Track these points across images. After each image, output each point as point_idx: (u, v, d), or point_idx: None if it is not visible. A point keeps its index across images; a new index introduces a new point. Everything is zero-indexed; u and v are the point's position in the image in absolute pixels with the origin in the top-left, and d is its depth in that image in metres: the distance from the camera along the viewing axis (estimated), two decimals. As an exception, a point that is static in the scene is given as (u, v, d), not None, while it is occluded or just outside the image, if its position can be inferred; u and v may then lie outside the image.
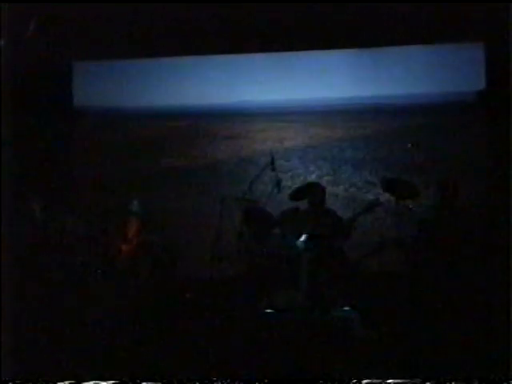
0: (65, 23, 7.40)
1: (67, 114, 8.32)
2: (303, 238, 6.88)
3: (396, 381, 4.84)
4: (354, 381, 4.86)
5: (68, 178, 8.34)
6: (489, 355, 5.32)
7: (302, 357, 5.67)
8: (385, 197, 7.34)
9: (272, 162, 7.50)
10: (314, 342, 5.96)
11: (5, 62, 6.04)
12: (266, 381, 4.94)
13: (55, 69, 7.95)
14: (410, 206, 7.20)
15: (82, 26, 7.50)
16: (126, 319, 5.82)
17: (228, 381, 4.93)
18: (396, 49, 8.26)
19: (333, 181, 8.61)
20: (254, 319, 6.51)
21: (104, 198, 7.24)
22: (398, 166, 8.48)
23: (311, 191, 7.16)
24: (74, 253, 6.53)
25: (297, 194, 7.24)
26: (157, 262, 7.15)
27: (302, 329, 6.28)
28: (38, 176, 7.68)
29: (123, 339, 5.64)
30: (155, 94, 8.70)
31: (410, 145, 7.67)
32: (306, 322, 6.45)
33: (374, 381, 4.83)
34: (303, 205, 7.29)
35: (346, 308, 6.69)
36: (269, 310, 6.69)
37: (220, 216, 7.63)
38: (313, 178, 8.67)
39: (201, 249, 7.87)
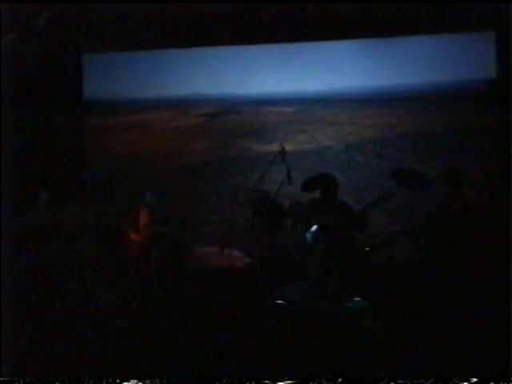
0: (74, 16, 7.40)
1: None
2: (314, 228, 6.88)
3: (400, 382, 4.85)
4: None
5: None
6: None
7: (313, 348, 5.65)
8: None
9: (282, 153, 7.48)
10: (325, 333, 5.94)
11: (14, 55, 6.05)
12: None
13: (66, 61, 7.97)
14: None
15: (93, 19, 7.51)
16: (135, 311, 5.83)
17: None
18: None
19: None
20: (266, 310, 6.52)
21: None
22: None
23: (323, 182, 7.14)
24: (83, 244, 6.56)
25: (308, 185, 7.22)
26: (168, 252, 7.20)
27: (313, 320, 6.29)
28: (48, 166, 7.70)
29: (133, 330, 5.64)
30: (264, 80, 8.69)
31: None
32: (317, 312, 6.46)
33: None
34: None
35: (357, 299, 6.70)
36: (280, 301, 6.71)
37: (231, 207, 7.66)
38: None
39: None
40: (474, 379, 4.78)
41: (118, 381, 4.75)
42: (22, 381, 4.61)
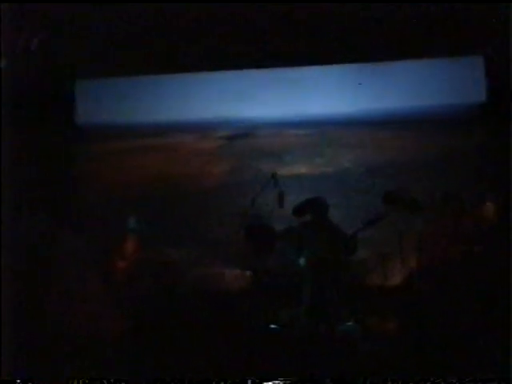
0: (67, 40, 7.47)
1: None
2: (305, 253, 6.89)
3: None
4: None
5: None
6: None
7: (305, 370, 5.62)
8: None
9: (274, 177, 7.50)
10: (318, 356, 5.93)
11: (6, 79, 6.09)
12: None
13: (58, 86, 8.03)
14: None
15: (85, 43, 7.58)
16: (126, 331, 5.80)
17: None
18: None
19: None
20: (259, 334, 6.50)
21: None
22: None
23: (314, 206, 7.14)
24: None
25: (299, 210, 7.22)
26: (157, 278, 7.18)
27: (305, 343, 6.27)
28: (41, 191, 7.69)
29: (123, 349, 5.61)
30: (286, 103, 8.68)
31: None
32: (310, 336, 6.44)
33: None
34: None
35: (350, 323, 6.69)
36: (273, 326, 6.69)
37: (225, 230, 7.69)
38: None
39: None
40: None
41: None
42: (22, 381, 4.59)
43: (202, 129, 8.95)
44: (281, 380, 5.03)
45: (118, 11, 7.19)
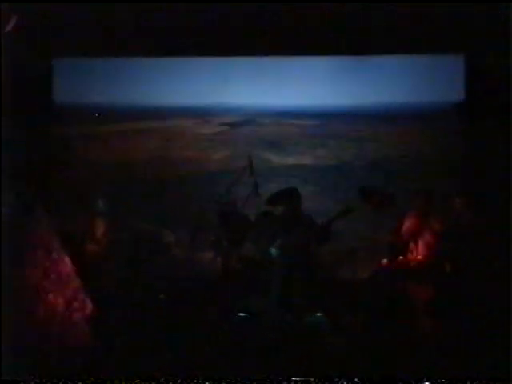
0: (45, 20, 7.41)
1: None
2: (277, 243, 6.93)
3: None
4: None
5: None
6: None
7: (273, 360, 5.67)
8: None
9: (250, 166, 7.52)
10: (286, 347, 5.97)
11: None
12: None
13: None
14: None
15: (63, 23, 7.53)
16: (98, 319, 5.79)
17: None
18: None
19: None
20: (228, 322, 6.54)
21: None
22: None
23: (287, 196, 7.18)
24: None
25: (273, 199, 7.26)
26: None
27: (274, 333, 6.32)
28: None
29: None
30: (287, 92, 8.60)
31: None
32: (278, 326, 6.49)
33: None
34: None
35: (318, 314, 6.74)
36: (242, 314, 6.73)
37: (196, 218, 7.70)
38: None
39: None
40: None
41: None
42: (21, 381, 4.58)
43: (203, 114, 8.90)
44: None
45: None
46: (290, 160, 8.79)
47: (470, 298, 6.33)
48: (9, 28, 6.17)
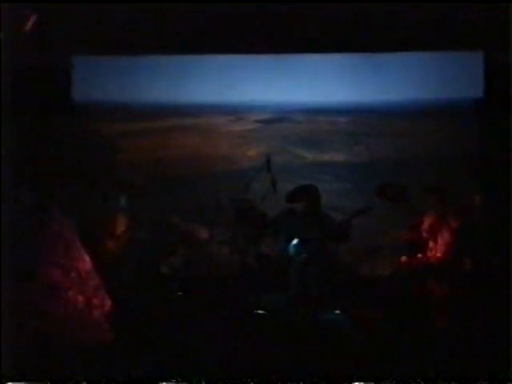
0: (64, 18, 7.45)
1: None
2: (295, 241, 6.92)
3: None
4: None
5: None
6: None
7: (291, 358, 5.67)
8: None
9: (268, 163, 7.50)
10: (304, 344, 5.97)
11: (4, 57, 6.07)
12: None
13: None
14: None
15: (82, 20, 7.56)
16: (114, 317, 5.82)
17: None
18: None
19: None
20: (245, 319, 6.54)
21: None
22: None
23: (306, 193, 7.16)
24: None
25: (292, 196, 7.25)
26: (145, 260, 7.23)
27: (292, 330, 6.32)
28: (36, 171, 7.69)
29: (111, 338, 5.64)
30: (320, 88, 8.59)
31: None
32: (296, 323, 6.49)
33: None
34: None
35: (337, 311, 6.74)
36: (260, 311, 6.74)
37: (214, 216, 7.70)
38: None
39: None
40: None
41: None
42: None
43: (237, 112, 8.92)
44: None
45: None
46: (324, 157, 8.74)
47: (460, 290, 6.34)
48: (28, 27, 6.21)
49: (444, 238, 6.82)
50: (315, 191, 7.18)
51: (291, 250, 6.95)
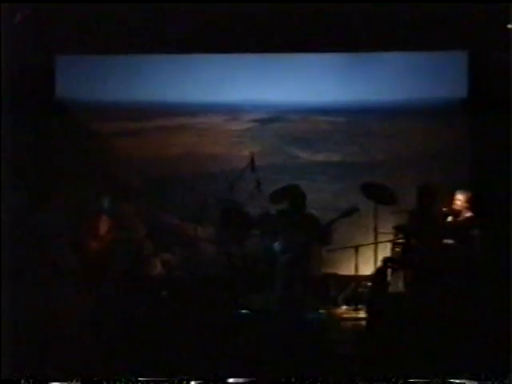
0: (49, 16, 7.40)
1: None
2: (279, 241, 6.94)
3: None
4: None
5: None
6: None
7: (275, 357, 5.68)
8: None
9: (252, 162, 7.51)
10: (288, 343, 5.98)
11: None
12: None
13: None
14: None
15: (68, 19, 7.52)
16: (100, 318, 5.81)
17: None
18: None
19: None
20: (230, 319, 6.54)
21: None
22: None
23: (291, 194, 7.19)
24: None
25: (276, 197, 7.27)
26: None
27: (276, 330, 6.33)
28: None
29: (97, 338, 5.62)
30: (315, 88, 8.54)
31: None
32: (280, 323, 6.50)
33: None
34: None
35: (321, 311, 6.77)
36: (244, 311, 6.74)
37: (200, 216, 7.71)
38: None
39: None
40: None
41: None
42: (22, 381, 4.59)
43: (232, 111, 8.82)
44: None
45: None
46: (318, 156, 8.77)
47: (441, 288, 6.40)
48: (17, 20, 6.16)
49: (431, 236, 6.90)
50: (299, 191, 7.20)
51: (276, 249, 6.96)
